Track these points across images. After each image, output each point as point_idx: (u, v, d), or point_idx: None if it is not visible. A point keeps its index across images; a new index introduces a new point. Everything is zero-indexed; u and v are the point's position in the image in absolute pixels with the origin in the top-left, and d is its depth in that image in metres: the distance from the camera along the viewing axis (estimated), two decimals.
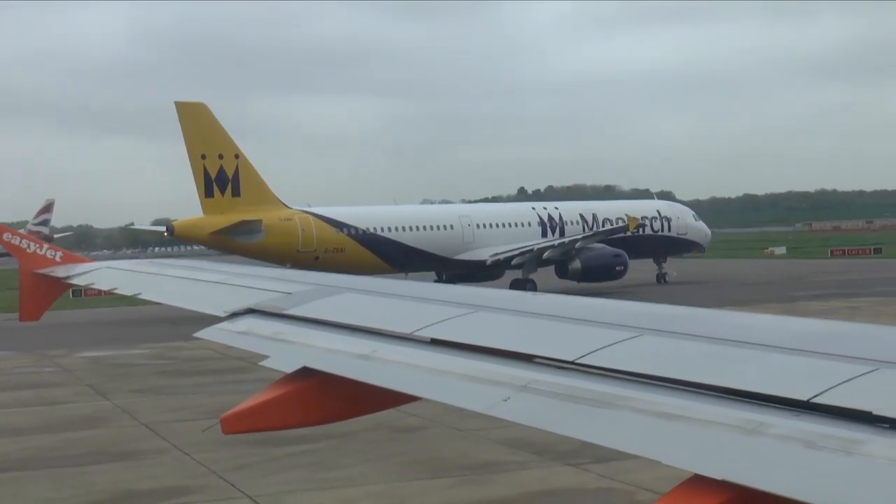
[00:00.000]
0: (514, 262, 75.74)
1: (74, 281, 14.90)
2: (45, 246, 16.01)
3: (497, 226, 79.55)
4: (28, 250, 15.66)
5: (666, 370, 5.66)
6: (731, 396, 5.19)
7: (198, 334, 9.58)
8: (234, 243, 71.00)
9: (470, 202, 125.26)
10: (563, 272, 76.19)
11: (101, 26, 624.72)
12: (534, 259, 75.90)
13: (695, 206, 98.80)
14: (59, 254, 15.79)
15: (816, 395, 4.82)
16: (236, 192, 70.10)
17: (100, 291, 16.97)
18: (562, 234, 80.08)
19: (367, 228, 74.54)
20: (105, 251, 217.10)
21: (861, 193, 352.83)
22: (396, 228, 75.79)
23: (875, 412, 4.55)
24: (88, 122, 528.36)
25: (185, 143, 69.44)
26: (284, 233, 71.26)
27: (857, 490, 4.12)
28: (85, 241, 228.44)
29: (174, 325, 51.76)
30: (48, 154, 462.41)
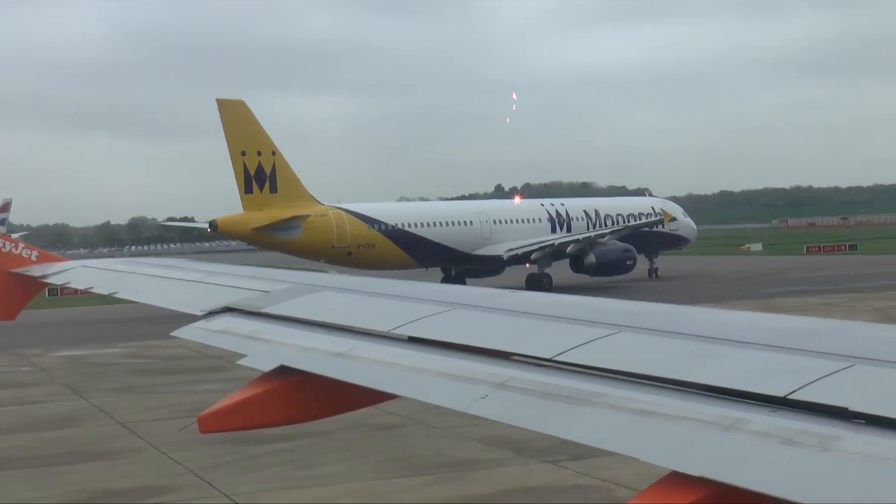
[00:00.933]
0: (532, 256, 77.26)
1: (50, 280, 14.82)
2: (21, 245, 15.92)
3: (511, 222, 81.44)
4: (3, 249, 15.56)
5: (643, 367, 5.67)
6: (709, 393, 5.20)
7: (175, 333, 9.55)
8: (273, 239, 71.98)
9: (447, 199, 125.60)
10: (577, 267, 78.09)
11: (76, 24, 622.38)
12: (551, 254, 77.55)
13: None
14: (34, 253, 15.71)
15: (793, 392, 4.84)
16: (273, 189, 71.17)
17: (76, 290, 16.86)
18: (568, 229, 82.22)
19: (396, 224, 76.14)
20: (81, 250, 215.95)
21: (836, 190, 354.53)
22: (422, 224, 77.45)
23: (851, 408, 4.57)
24: (62, 119, 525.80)
25: (226, 140, 70.28)
26: (320, 229, 72.45)
27: (833, 486, 4.14)
28: (61, 240, 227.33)
29: (151, 324, 51.62)
30: (18, 152, 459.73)
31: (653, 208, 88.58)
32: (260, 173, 70.69)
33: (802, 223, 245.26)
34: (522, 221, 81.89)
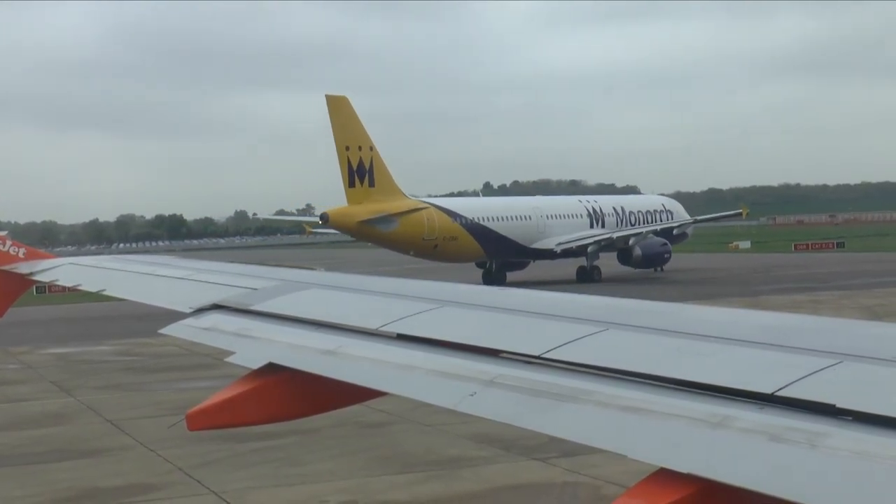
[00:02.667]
0: (589, 249, 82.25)
1: (38, 277, 14.76)
2: (8, 242, 15.87)
3: (559, 217, 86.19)
4: None
5: (632, 364, 5.67)
6: (697, 390, 5.21)
7: (163, 330, 9.51)
8: (374, 231, 76.39)
9: (436, 196, 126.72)
10: (625, 259, 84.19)
11: (66, 22, 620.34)
12: (606, 247, 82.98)
13: None
14: (22, 250, 15.65)
15: (780, 389, 4.84)
16: (371, 183, 75.44)
17: (64, 288, 16.76)
18: (602, 225, 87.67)
19: (474, 218, 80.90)
20: (69, 247, 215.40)
21: (824, 188, 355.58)
22: (493, 218, 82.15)
23: (838, 405, 4.58)
24: (50, 117, 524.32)
25: (333, 135, 74.22)
26: (413, 222, 76.98)
27: (821, 483, 4.15)
28: (48, 237, 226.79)
29: (139, 322, 51.46)
30: (5, 149, 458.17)
31: (663, 205, 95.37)
32: (361, 168, 74.78)
33: (790, 221, 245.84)
34: (568, 217, 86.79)
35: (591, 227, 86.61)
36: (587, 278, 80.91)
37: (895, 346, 5.20)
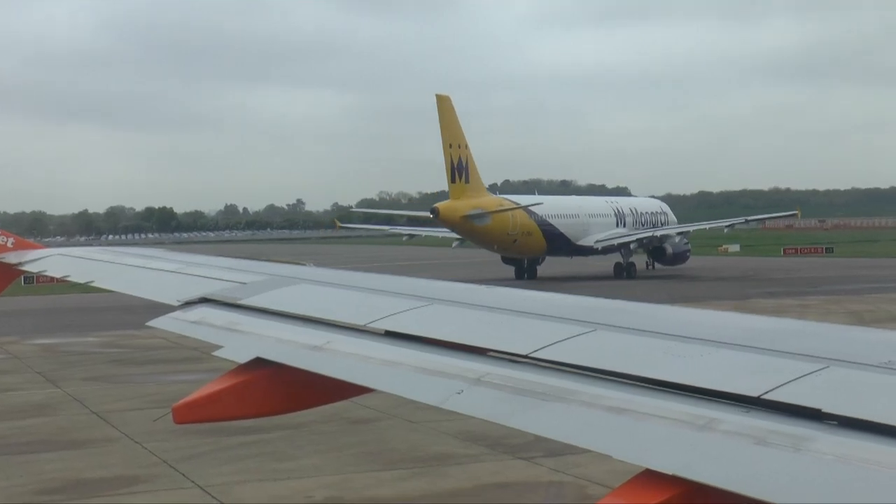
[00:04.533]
0: (631, 246, 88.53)
1: (26, 267, 14.71)
2: None
3: (596, 216, 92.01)
4: None
5: (619, 365, 5.68)
6: (683, 392, 5.21)
7: (150, 323, 9.49)
8: (471, 225, 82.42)
9: (427, 194, 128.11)
10: (658, 256, 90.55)
11: (59, 13, 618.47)
12: (646, 244, 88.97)
13: None
14: (10, 240, 15.59)
15: (767, 392, 4.85)
16: (467, 179, 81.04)
17: (52, 278, 16.72)
18: (624, 224, 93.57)
19: (543, 215, 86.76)
20: (58, 238, 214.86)
21: (814, 192, 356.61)
22: (555, 216, 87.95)
23: (824, 409, 4.59)
24: (41, 108, 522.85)
25: (441, 132, 79.52)
26: (501, 218, 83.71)
27: (805, 486, 4.15)
28: (37, 228, 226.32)
29: (127, 314, 51.38)
30: None
31: (661, 207, 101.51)
32: (460, 165, 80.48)
33: (780, 225, 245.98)
34: (602, 216, 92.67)
35: (616, 226, 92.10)
36: (624, 274, 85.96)
37: (882, 352, 5.21)
